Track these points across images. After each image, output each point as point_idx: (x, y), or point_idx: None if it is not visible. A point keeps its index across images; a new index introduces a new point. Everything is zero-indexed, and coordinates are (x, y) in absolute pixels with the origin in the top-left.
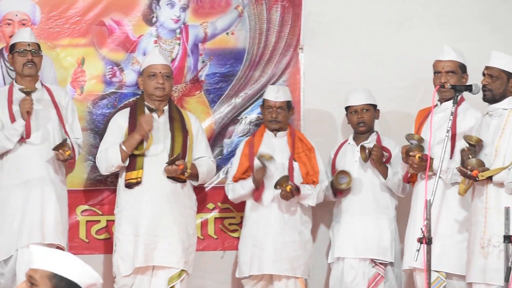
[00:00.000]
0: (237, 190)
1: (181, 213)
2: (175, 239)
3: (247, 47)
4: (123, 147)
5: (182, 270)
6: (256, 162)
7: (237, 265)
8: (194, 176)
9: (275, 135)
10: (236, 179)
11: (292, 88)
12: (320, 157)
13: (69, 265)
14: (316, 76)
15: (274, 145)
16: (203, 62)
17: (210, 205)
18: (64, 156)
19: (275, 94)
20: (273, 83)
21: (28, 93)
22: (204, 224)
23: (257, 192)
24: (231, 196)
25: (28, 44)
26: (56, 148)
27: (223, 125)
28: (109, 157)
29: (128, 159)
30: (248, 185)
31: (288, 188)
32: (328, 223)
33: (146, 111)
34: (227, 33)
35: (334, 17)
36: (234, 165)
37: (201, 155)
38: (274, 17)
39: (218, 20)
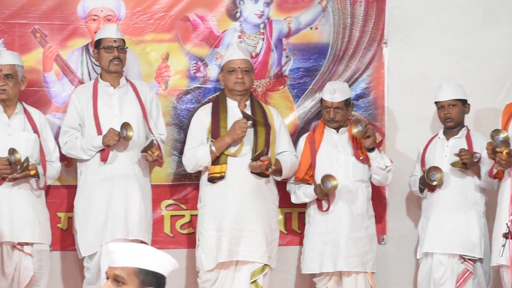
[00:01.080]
0: (300, 197)
1: (264, 207)
2: (258, 233)
3: (331, 42)
4: (213, 148)
5: (265, 264)
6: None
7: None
8: (278, 171)
9: (337, 131)
10: (299, 178)
11: (376, 83)
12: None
13: (151, 257)
14: (400, 71)
15: (336, 142)
16: (287, 57)
17: None
18: (153, 157)
19: (331, 95)
20: (357, 78)
21: (124, 138)
22: (287, 219)
23: (320, 202)
24: (294, 200)
25: (114, 41)
26: (144, 150)
27: (307, 120)
28: (198, 157)
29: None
30: (311, 195)
31: None
32: (415, 218)
33: (233, 111)
34: (311, 28)
35: (418, 11)
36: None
37: (284, 149)
38: (358, 11)
39: (302, 15)
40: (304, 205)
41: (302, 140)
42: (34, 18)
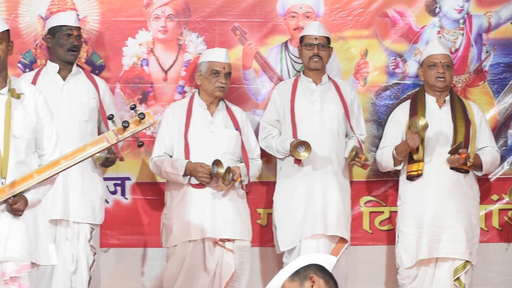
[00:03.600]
0: None
1: (464, 203)
2: (459, 230)
3: None
4: (394, 153)
5: (467, 261)
6: None
7: None
8: (478, 166)
9: None
10: None
11: None
12: None
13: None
14: None
15: None
16: (486, 52)
17: (494, 196)
18: (361, 162)
19: None
20: None
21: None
22: (488, 216)
23: None
24: None
25: (315, 38)
26: (352, 159)
27: (507, 116)
28: (384, 159)
29: (401, 163)
30: None
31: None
32: None
33: (431, 107)
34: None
35: None
36: None
37: (485, 145)
38: None
39: (502, 9)
40: (506, 202)
41: None
42: (234, 16)
